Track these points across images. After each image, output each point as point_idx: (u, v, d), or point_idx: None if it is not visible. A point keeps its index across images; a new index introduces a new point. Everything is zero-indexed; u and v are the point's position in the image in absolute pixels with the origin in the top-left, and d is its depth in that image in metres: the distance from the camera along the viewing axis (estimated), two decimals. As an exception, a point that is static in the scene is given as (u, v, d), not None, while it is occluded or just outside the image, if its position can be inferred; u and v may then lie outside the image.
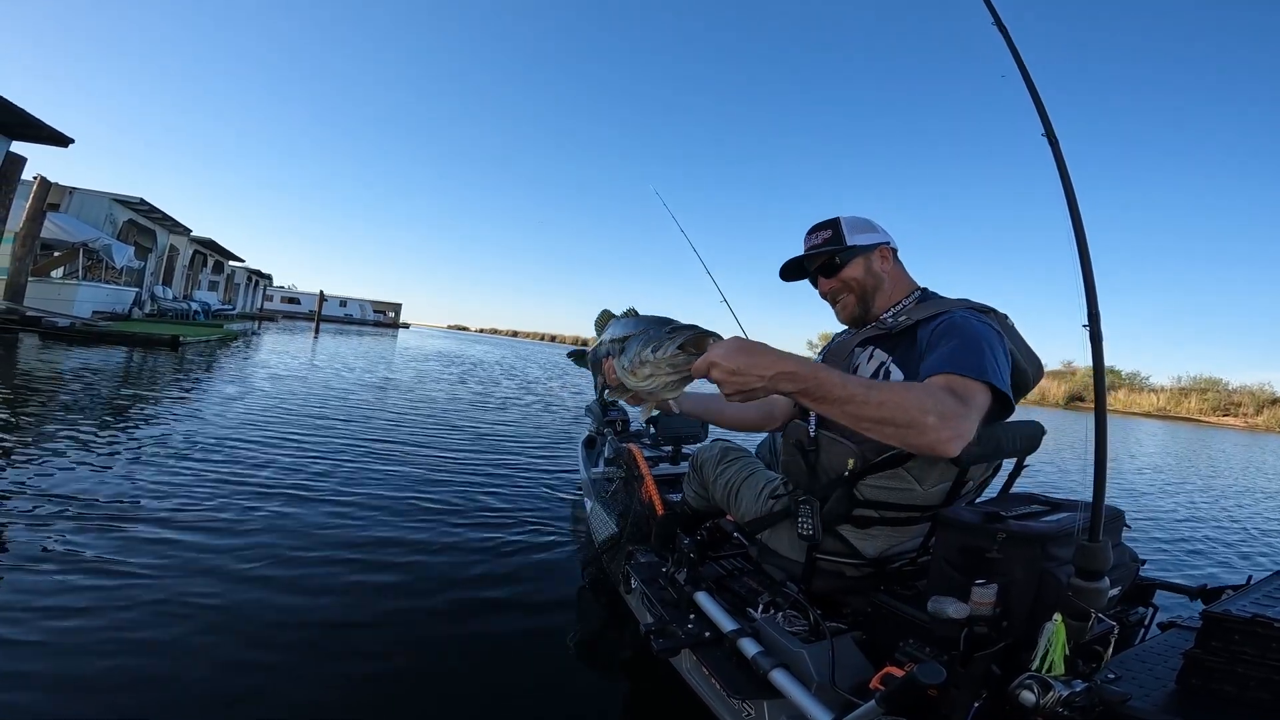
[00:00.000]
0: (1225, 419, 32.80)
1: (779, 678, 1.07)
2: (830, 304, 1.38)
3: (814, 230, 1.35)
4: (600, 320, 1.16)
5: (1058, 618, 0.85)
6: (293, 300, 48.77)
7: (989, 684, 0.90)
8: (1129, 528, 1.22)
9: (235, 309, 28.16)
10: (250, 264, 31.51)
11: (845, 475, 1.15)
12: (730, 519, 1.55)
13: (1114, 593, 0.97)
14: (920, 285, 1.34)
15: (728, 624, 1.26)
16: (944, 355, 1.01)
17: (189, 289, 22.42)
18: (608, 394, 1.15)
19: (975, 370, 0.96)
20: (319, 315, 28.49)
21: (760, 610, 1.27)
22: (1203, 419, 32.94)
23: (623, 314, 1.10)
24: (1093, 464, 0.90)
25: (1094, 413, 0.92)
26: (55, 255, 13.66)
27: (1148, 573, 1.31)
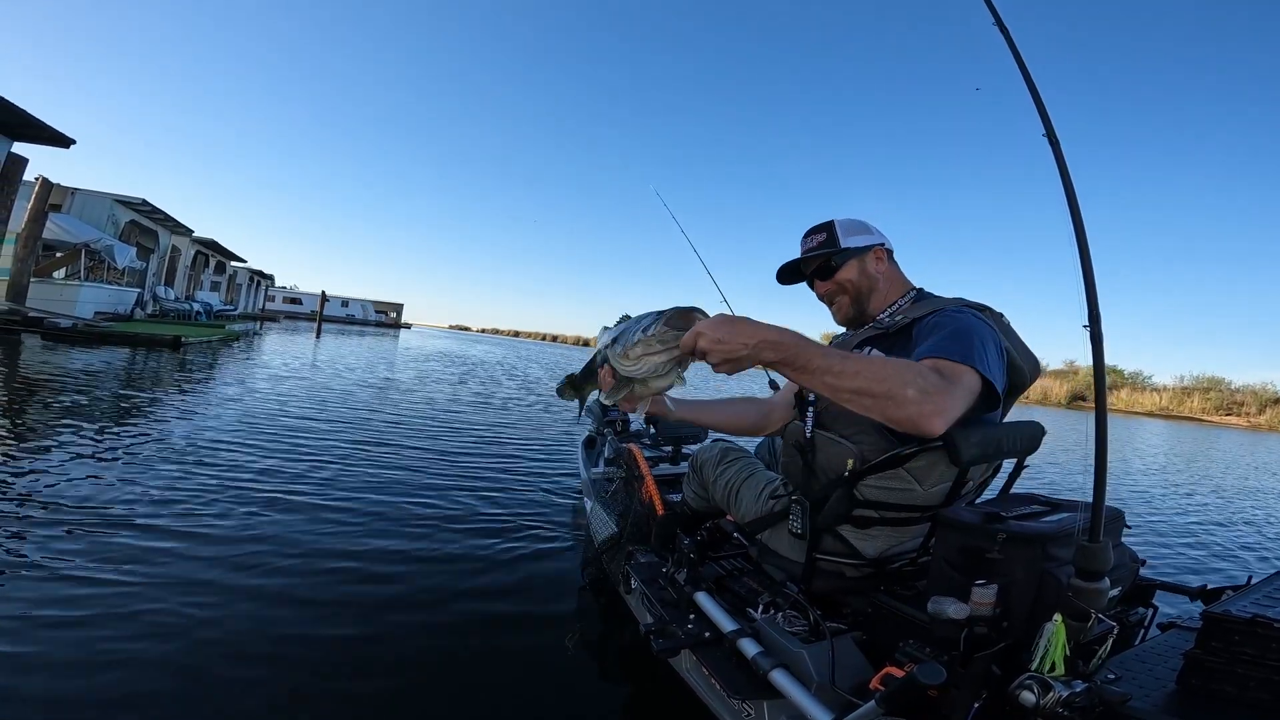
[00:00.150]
0: (1228, 418, 32.73)
1: (779, 678, 1.07)
2: (827, 306, 1.39)
3: (809, 234, 1.36)
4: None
5: (1058, 618, 0.85)
6: (295, 301, 48.85)
7: (989, 684, 0.90)
8: (1129, 528, 1.22)
9: (237, 309, 28.20)
10: (252, 264, 31.56)
11: (845, 475, 1.15)
12: (730, 519, 1.55)
13: (1114, 593, 0.97)
14: (916, 285, 1.34)
15: (728, 624, 1.26)
16: (932, 343, 1.03)
17: (191, 289, 22.46)
18: (604, 398, 1.16)
19: (961, 355, 0.97)
20: (320, 315, 28.52)
21: (760, 610, 1.27)
22: (1205, 418, 32.87)
23: (615, 323, 1.11)
24: (1093, 464, 0.90)
25: (1094, 413, 0.92)
26: (57, 256, 13.69)
27: (1148, 573, 1.31)
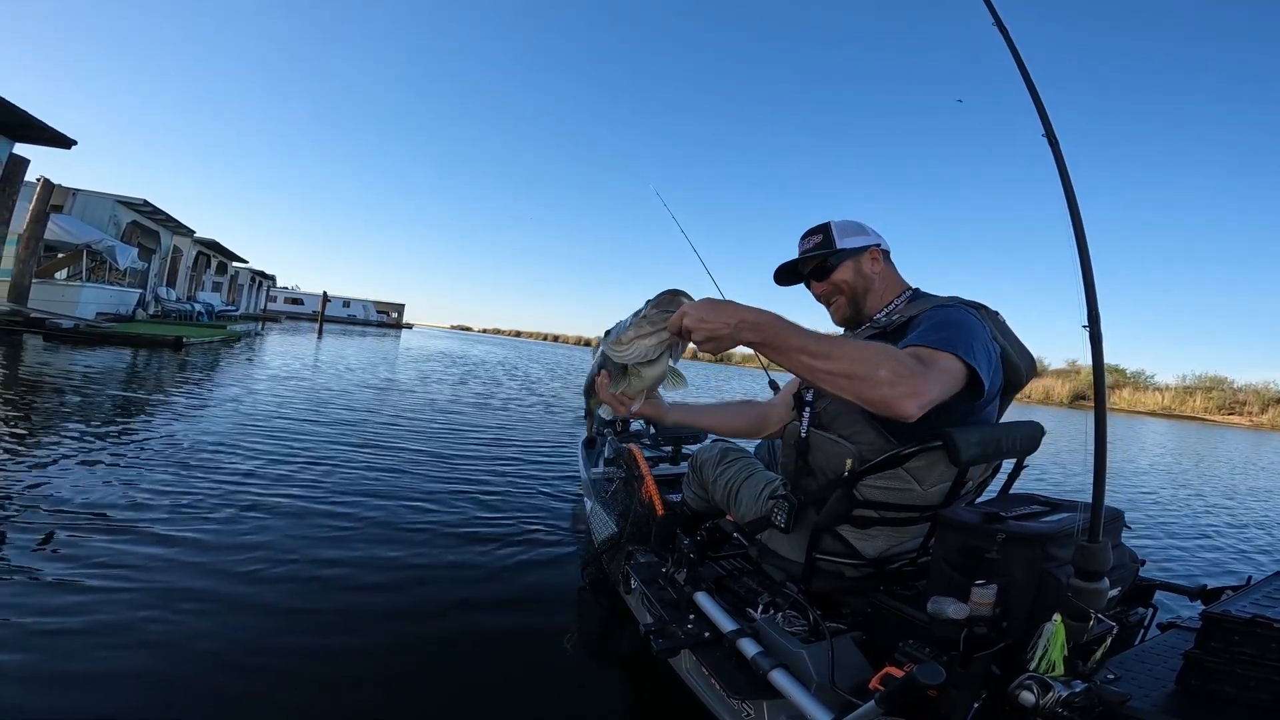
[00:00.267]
0: (1230, 418, 32.64)
1: (779, 678, 1.07)
2: (825, 306, 1.40)
3: (807, 235, 1.38)
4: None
5: (1057, 618, 0.85)
6: (296, 301, 48.88)
7: (989, 684, 0.90)
8: (1129, 528, 1.22)
9: (239, 310, 28.23)
10: (254, 265, 31.57)
11: (844, 476, 1.16)
12: (730, 519, 1.55)
13: (1114, 593, 0.97)
14: (913, 285, 1.35)
15: (727, 624, 1.26)
16: (918, 333, 1.05)
17: (193, 290, 22.50)
18: (604, 413, 1.23)
19: (943, 343, 0.99)
20: (322, 316, 28.56)
21: (760, 610, 1.27)
22: (1208, 418, 32.78)
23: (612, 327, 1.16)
24: (1093, 464, 0.90)
25: (1094, 413, 0.92)
26: (59, 257, 13.72)
27: (1148, 573, 1.31)
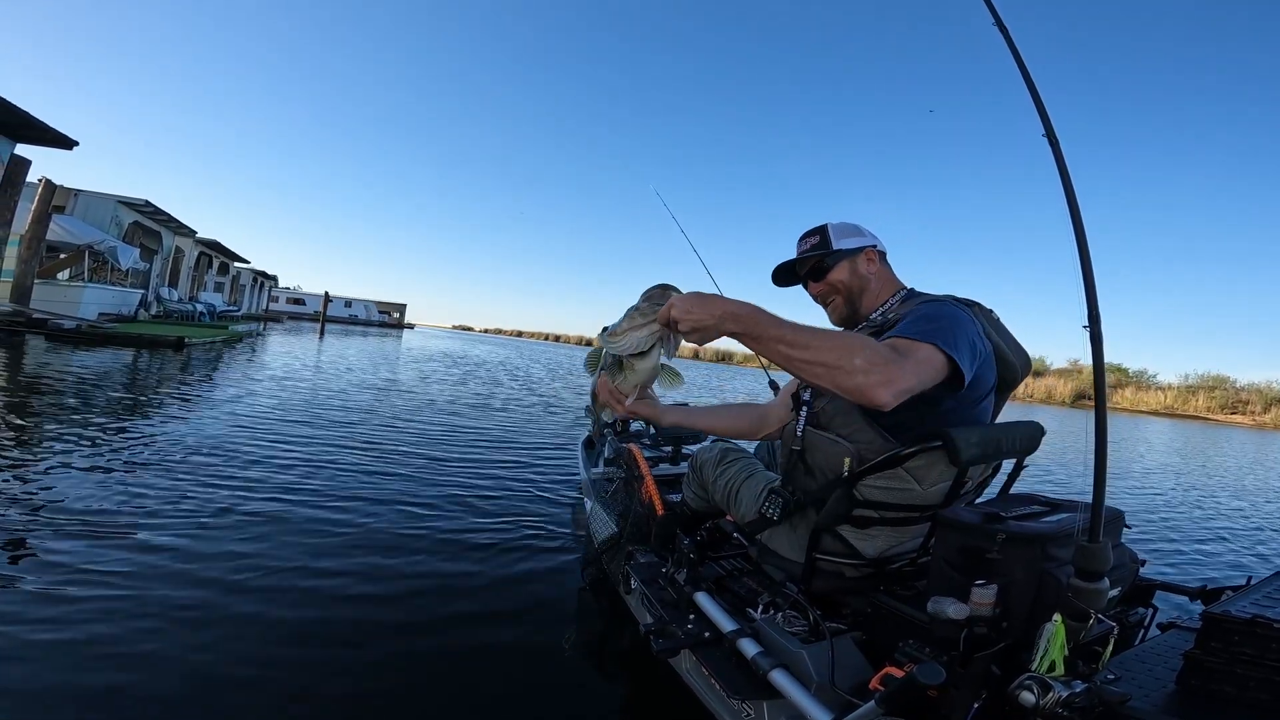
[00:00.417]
0: (1233, 417, 32.54)
1: (779, 678, 1.07)
2: (822, 307, 1.42)
3: (804, 237, 1.41)
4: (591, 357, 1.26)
5: (1057, 618, 0.85)
6: (298, 301, 48.91)
7: (989, 684, 0.90)
8: (1129, 528, 1.22)
9: (241, 310, 28.27)
10: (256, 265, 31.62)
11: (844, 475, 1.16)
12: (730, 519, 1.55)
13: (1114, 593, 0.97)
14: (908, 285, 1.37)
15: (727, 624, 1.26)
16: (901, 326, 1.06)
17: (195, 291, 22.53)
18: (605, 415, 1.29)
19: (923, 334, 1.00)
20: (324, 316, 28.59)
21: (760, 610, 1.27)
22: (1210, 417, 32.69)
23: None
24: (1093, 464, 0.90)
25: (1094, 413, 0.92)
26: (61, 257, 13.76)
27: (1148, 573, 1.31)
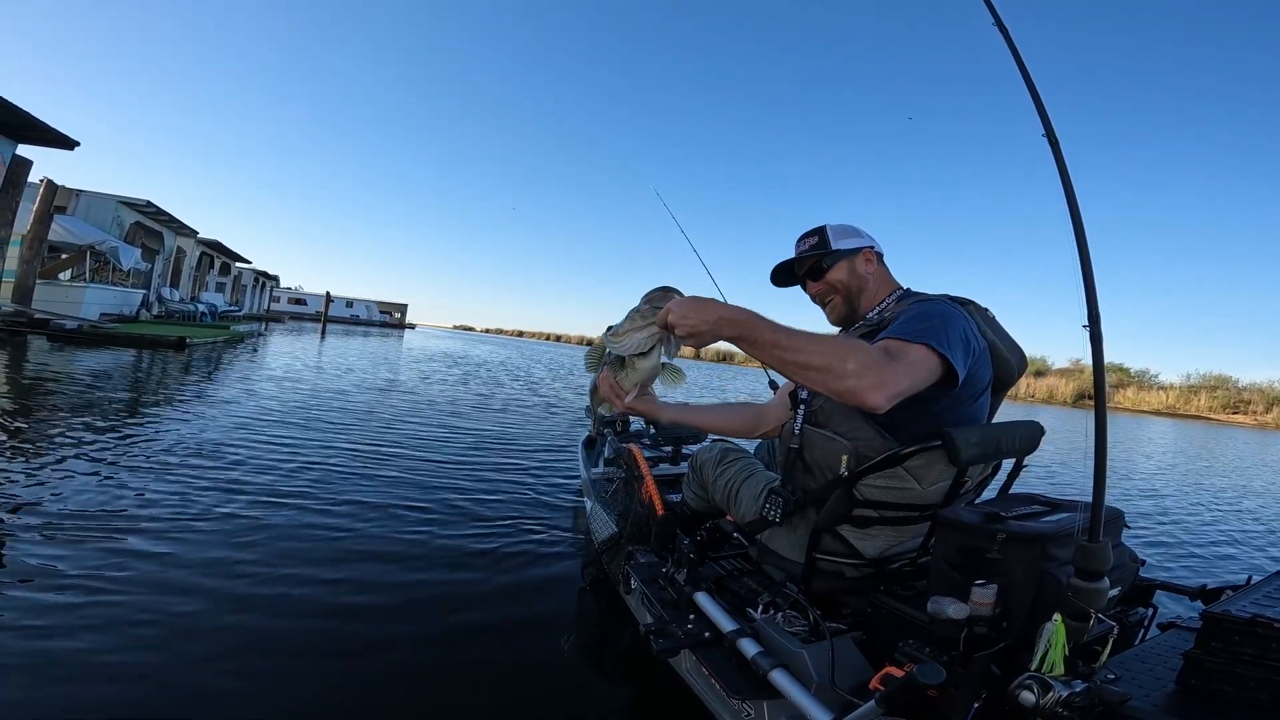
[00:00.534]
0: (1235, 416, 32.46)
1: (779, 678, 1.07)
2: (821, 307, 1.43)
3: (803, 238, 1.42)
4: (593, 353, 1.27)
5: (1057, 618, 0.85)
6: (299, 301, 48.95)
7: (989, 684, 0.90)
8: (1129, 528, 1.22)
9: (242, 310, 28.32)
10: (257, 265, 31.68)
11: (843, 475, 1.16)
12: (730, 519, 1.55)
13: (1114, 593, 0.97)
14: (904, 285, 1.38)
15: (727, 624, 1.26)
16: (894, 327, 1.07)
17: (196, 291, 22.56)
18: (604, 410, 1.31)
19: (915, 335, 1.00)
20: (325, 316, 28.65)
21: (760, 610, 1.27)
22: (1212, 417, 32.61)
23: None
24: (1093, 464, 0.90)
25: (1094, 413, 0.92)
26: (63, 257, 13.78)
27: (1148, 573, 1.31)
